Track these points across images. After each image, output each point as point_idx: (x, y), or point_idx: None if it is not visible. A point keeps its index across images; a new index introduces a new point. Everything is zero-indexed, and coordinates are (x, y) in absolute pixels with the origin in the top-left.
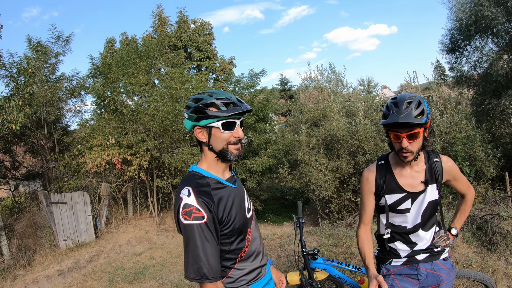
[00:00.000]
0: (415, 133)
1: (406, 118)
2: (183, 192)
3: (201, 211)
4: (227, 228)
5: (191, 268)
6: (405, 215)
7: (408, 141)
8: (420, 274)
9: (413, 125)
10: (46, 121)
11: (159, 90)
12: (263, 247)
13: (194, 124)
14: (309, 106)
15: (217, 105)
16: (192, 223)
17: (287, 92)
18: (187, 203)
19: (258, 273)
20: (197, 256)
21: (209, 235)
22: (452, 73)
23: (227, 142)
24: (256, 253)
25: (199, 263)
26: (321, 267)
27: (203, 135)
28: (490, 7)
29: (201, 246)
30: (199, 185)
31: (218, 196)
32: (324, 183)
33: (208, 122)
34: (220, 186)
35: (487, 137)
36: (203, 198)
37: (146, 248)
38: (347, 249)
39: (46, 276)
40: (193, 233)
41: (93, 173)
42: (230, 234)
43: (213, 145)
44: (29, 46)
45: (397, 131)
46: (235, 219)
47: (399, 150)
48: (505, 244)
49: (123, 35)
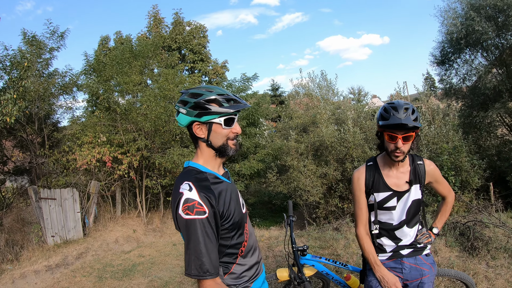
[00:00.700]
0: (410, 136)
1: (407, 120)
2: (183, 186)
3: (203, 205)
4: (228, 222)
5: (193, 264)
6: (391, 212)
7: (402, 142)
8: (404, 267)
9: (411, 128)
10: (37, 116)
11: (152, 90)
12: (257, 243)
13: (193, 120)
14: (299, 113)
15: (220, 101)
16: (195, 218)
17: (278, 98)
18: (189, 197)
19: (257, 269)
20: (199, 252)
21: (210, 231)
22: (441, 85)
23: (227, 138)
24: (254, 248)
25: (202, 259)
26: (310, 263)
27: (202, 131)
28: (481, 22)
29: (203, 241)
30: (199, 180)
31: (218, 190)
32: (312, 189)
33: (210, 118)
34: (218, 181)
35: (474, 148)
36: (205, 192)
37: (134, 247)
38: (333, 251)
39: (34, 271)
40: (196, 229)
41: (82, 170)
42: (230, 228)
43: (212, 141)
44: (23, 39)
45: (394, 132)
46: (234, 213)
47: (392, 151)
48: (486, 249)
49: (118, 34)
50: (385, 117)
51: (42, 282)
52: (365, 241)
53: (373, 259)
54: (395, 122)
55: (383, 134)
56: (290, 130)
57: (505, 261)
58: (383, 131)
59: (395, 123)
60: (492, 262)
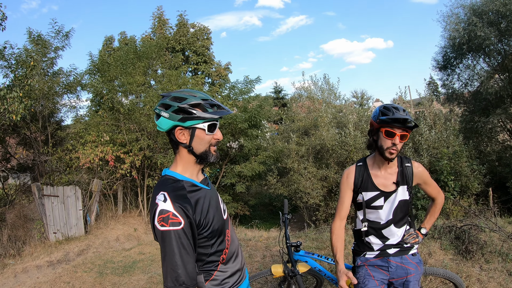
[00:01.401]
0: (406, 135)
1: (408, 116)
2: (158, 197)
3: (178, 216)
4: (206, 231)
5: (169, 277)
6: (378, 211)
7: (400, 140)
8: (391, 266)
9: (409, 126)
10: (41, 114)
11: (156, 91)
12: (241, 250)
13: (176, 124)
14: (300, 115)
15: (204, 106)
16: (169, 229)
17: (281, 100)
18: (164, 208)
19: (239, 275)
20: (175, 264)
21: (186, 242)
22: (444, 90)
23: (209, 144)
24: (236, 254)
25: (178, 271)
26: (303, 259)
27: (184, 136)
28: (483, 28)
29: (178, 253)
30: (175, 189)
31: (194, 199)
32: (312, 191)
33: (194, 123)
34: (195, 189)
35: (474, 154)
36: (179, 203)
37: (135, 245)
38: (329, 252)
39: (36, 266)
40: (170, 240)
41: (85, 168)
42: (210, 236)
43: (194, 146)
44: (29, 38)
45: (393, 129)
46: (213, 220)
47: (388, 148)
48: (480, 253)
49: (122, 34)
50: (386, 113)
51: (44, 277)
52: (336, 234)
53: (336, 252)
54: (398, 117)
55: (379, 131)
56: (292, 132)
57: (499, 264)
58: (381, 127)
59: (398, 117)
60: (485, 266)
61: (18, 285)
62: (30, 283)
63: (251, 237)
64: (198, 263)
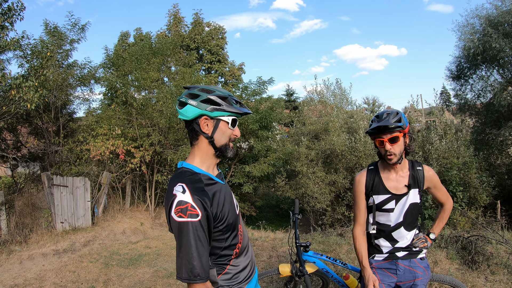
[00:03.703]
0: (395, 137)
1: (386, 122)
2: (176, 188)
3: (196, 208)
4: (222, 224)
5: (184, 268)
6: (389, 214)
7: (390, 144)
8: (399, 269)
9: (392, 128)
10: (54, 105)
11: (169, 87)
12: (250, 245)
13: (203, 113)
14: (312, 119)
15: (230, 101)
16: (187, 220)
17: (292, 103)
18: (182, 199)
19: (250, 269)
20: (191, 256)
21: (202, 234)
22: (456, 100)
23: (229, 139)
24: (247, 249)
25: (193, 262)
26: (311, 260)
27: (208, 127)
28: (499, 39)
29: (195, 245)
30: (192, 181)
31: (211, 192)
32: (319, 196)
33: (220, 114)
34: (212, 182)
35: (484, 166)
36: (198, 195)
37: (141, 239)
38: (336, 255)
39: (41, 254)
40: (188, 232)
41: (95, 161)
42: (225, 230)
43: (216, 138)
44: (45, 30)
45: (380, 137)
46: (228, 214)
47: (384, 154)
48: (486, 264)
49: (138, 30)
50: (370, 126)
51: (49, 265)
52: (358, 240)
53: (361, 259)
54: (374, 126)
55: (375, 141)
56: (302, 136)
57: (504, 276)
58: (374, 138)
59: (374, 127)
60: (491, 277)
61: (23, 271)
62: (36, 270)
63: (258, 237)
64: (212, 257)
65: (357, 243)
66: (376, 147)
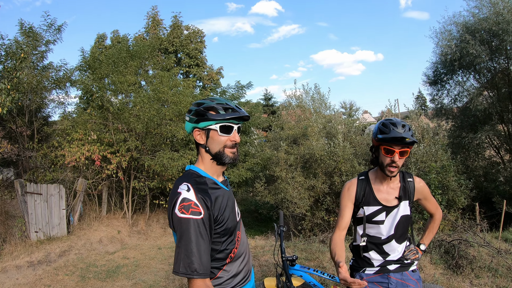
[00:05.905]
0: (406, 151)
1: (406, 134)
2: (181, 187)
3: (199, 206)
4: (221, 227)
5: (182, 263)
6: (379, 226)
7: (399, 156)
8: (391, 282)
9: (408, 143)
10: (28, 108)
11: (146, 92)
12: (250, 252)
13: (194, 126)
14: (290, 124)
15: (217, 109)
16: (189, 217)
17: (270, 108)
18: (186, 197)
19: (243, 276)
20: (190, 251)
21: (204, 232)
22: (432, 105)
23: (223, 145)
24: (244, 256)
25: (191, 257)
26: (298, 274)
27: (201, 137)
28: (475, 45)
29: (195, 241)
30: (197, 183)
31: (214, 195)
32: (299, 201)
33: (206, 124)
34: (216, 187)
35: (461, 169)
36: (202, 195)
37: (119, 248)
38: (319, 263)
39: (15, 266)
40: (189, 228)
41: (70, 167)
42: (222, 234)
43: (210, 147)
44: (20, 30)
45: (391, 146)
46: (228, 219)
47: (388, 165)
48: (470, 268)
49: (115, 33)
50: (384, 131)
51: (23, 278)
52: (334, 243)
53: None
54: (395, 136)
55: (379, 148)
56: (281, 141)
57: (489, 280)
58: (380, 145)
59: (395, 136)
60: (475, 281)
61: None
62: (9, 285)
63: None
64: None
65: (333, 244)
66: (374, 154)
